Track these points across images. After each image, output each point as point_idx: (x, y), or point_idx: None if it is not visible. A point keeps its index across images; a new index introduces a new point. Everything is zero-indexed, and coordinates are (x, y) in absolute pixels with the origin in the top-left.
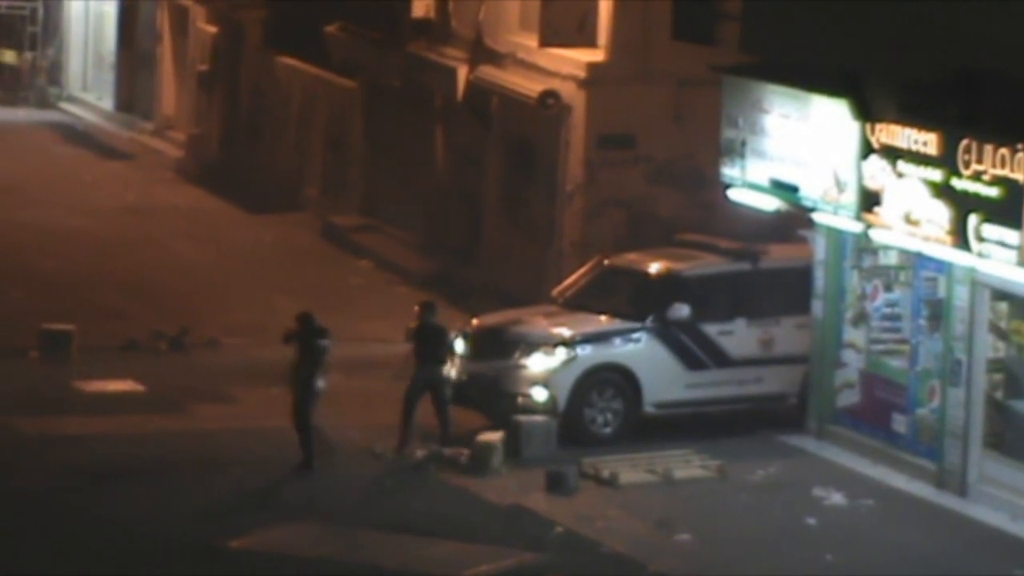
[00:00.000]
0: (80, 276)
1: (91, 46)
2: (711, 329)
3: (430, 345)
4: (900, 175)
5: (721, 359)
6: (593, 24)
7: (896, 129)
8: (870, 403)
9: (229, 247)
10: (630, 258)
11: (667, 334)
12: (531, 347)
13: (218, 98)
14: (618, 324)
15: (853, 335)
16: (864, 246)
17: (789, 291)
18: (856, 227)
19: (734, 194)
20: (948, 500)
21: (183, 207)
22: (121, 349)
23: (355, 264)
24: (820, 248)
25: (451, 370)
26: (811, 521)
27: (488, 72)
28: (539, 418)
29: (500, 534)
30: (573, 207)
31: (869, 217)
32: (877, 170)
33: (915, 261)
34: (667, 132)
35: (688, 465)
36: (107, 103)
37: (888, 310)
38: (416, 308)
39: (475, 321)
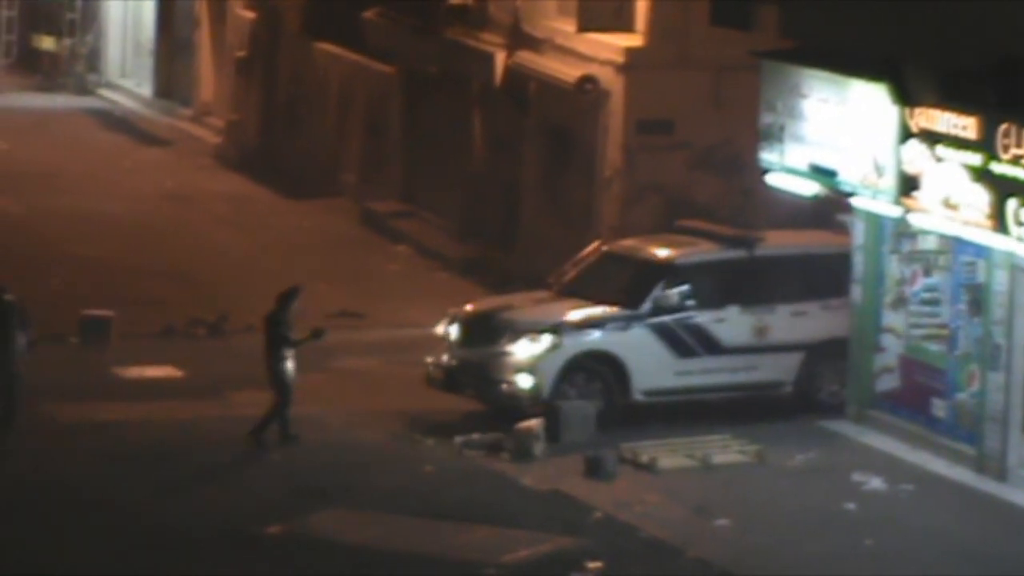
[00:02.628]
0: (118, 263)
1: (129, 32)
2: (702, 316)
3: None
4: (939, 159)
5: (712, 346)
6: (631, 9)
7: (935, 113)
8: (909, 388)
9: (267, 233)
10: (626, 244)
11: (657, 321)
12: (517, 333)
13: (256, 84)
14: (606, 311)
15: (892, 320)
16: (903, 231)
17: (786, 279)
18: (895, 212)
19: (773, 179)
20: (987, 485)
21: (221, 193)
22: (159, 335)
23: (393, 250)
24: (859, 233)
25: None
26: (850, 506)
27: (526, 57)
28: (579, 403)
29: (538, 519)
30: (611, 193)
31: (908, 202)
32: (916, 154)
33: (954, 245)
34: (705, 117)
35: (727, 450)
36: (145, 89)
37: (927, 295)
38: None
39: (467, 307)
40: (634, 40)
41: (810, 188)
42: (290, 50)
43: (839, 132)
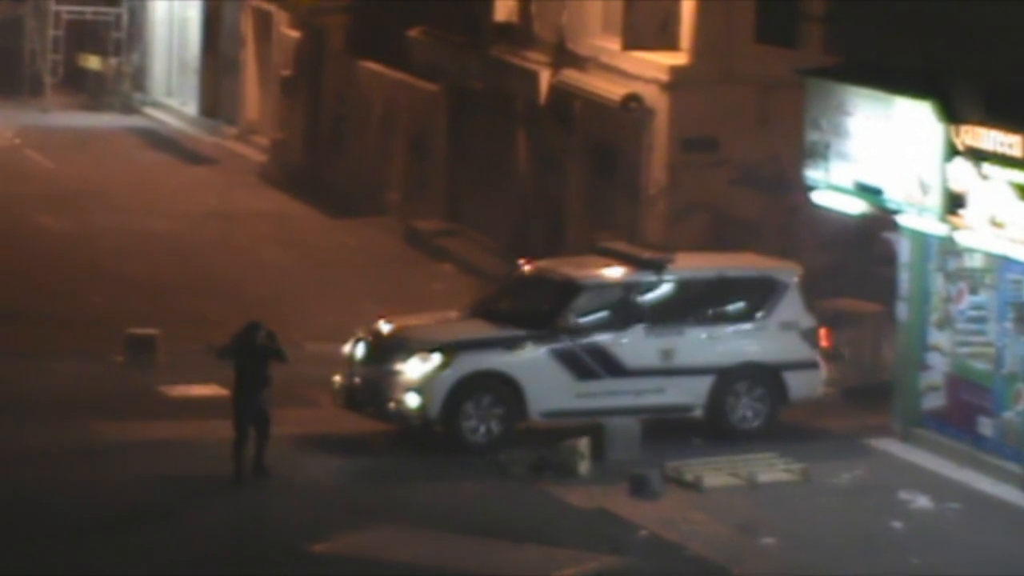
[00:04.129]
0: (164, 281)
1: (175, 51)
2: (605, 337)
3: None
4: (985, 177)
5: (615, 368)
6: (675, 27)
7: (981, 131)
8: (955, 406)
9: (312, 251)
10: (540, 265)
11: (555, 342)
12: (409, 352)
13: (301, 103)
14: (503, 331)
15: (938, 338)
16: (949, 249)
17: (697, 302)
18: (941, 230)
19: (818, 197)
20: None
21: (266, 212)
22: (205, 353)
23: (437, 268)
24: (905, 251)
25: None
26: (896, 524)
27: (570, 75)
28: (624, 421)
29: (583, 538)
30: (656, 211)
31: (954, 220)
32: (962, 172)
33: (1000, 263)
34: (750, 135)
35: (772, 468)
36: (191, 108)
37: (973, 313)
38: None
39: (375, 325)
40: (679, 58)
41: (856, 206)
42: (335, 69)
43: (884, 150)
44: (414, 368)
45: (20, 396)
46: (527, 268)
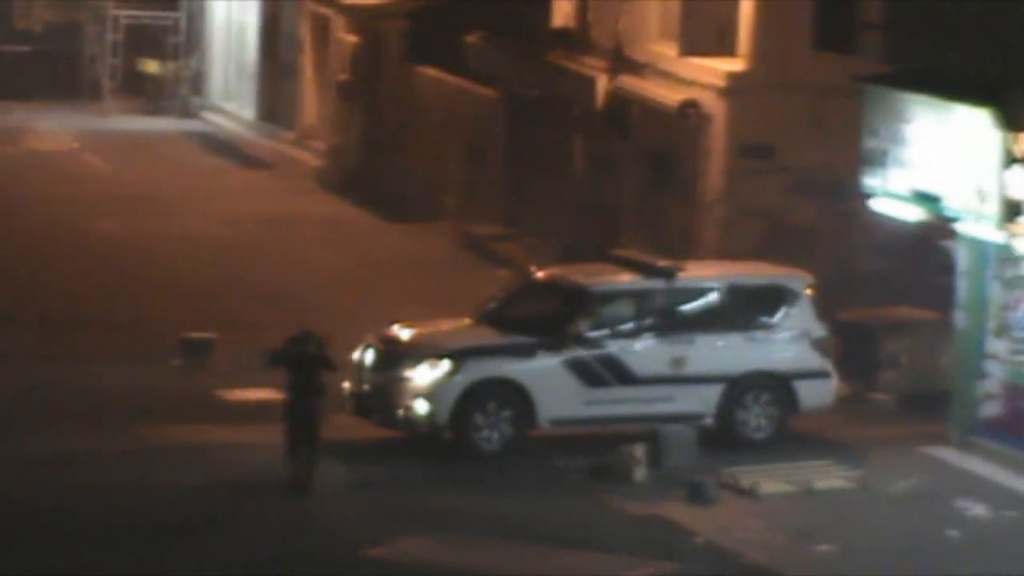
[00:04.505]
0: (220, 285)
1: (233, 56)
2: (615, 346)
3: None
4: None
5: (625, 376)
6: (733, 33)
7: None
8: (1013, 414)
9: (368, 256)
10: (549, 273)
11: (565, 349)
12: (418, 359)
13: (358, 108)
14: (513, 338)
15: (995, 346)
16: (1006, 256)
17: (707, 310)
18: (998, 237)
19: (875, 204)
20: None
21: (322, 216)
22: (261, 358)
23: (494, 274)
24: (962, 259)
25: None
26: (953, 533)
27: (627, 81)
28: (681, 428)
29: (639, 544)
30: (712, 217)
31: (1011, 227)
32: (1020, 180)
33: None
34: (807, 142)
35: (828, 476)
36: (248, 113)
37: None
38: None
39: (384, 332)
40: (736, 64)
41: (913, 214)
42: (392, 74)
43: (942, 157)
44: (423, 375)
45: (76, 399)
46: (537, 275)
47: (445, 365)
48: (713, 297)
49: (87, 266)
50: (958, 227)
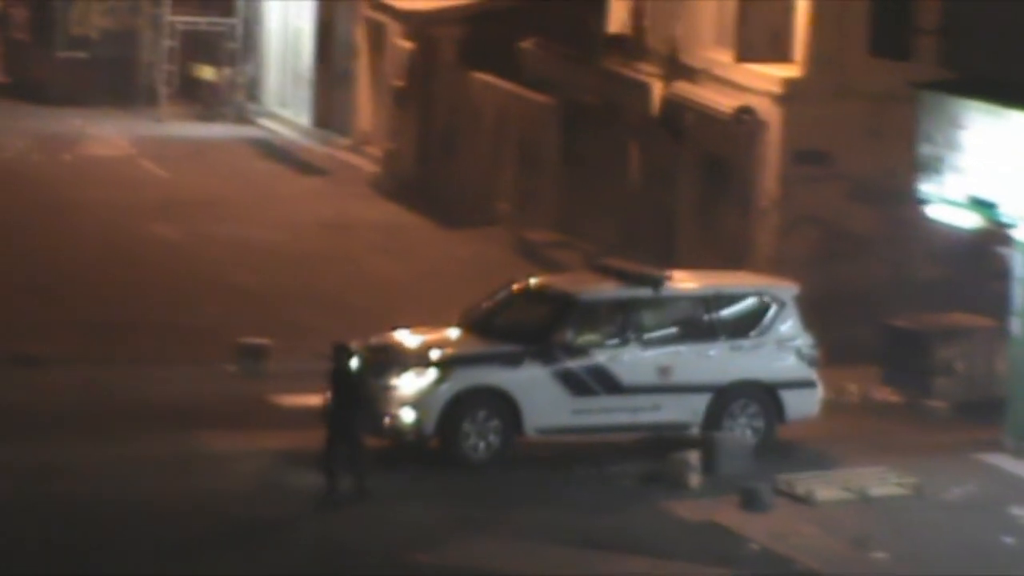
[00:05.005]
0: (275, 291)
1: (289, 62)
2: (602, 354)
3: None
4: None
5: (612, 385)
6: (788, 39)
7: None
8: None
9: (423, 262)
10: (536, 281)
11: (552, 358)
12: (404, 367)
13: (413, 114)
14: (500, 346)
15: None
16: None
17: (693, 319)
18: None
19: (931, 211)
20: None
21: (378, 222)
22: (316, 363)
23: None
24: (1018, 265)
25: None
26: (1008, 540)
27: (682, 88)
28: (736, 435)
29: (693, 551)
30: (767, 223)
31: None
32: None
33: None
34: (862, 148)
35: (884, 483)
36: (304, 119)
37: None
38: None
39: (370, 338)
40: (791, 71)
41: (969, 220)
42: (447, 80)
43: (999, 163)
44: (410, 383)
45: (133, 404)
46: (524, 283)
47: (432, 373)
48: (700, 306)
49: (144, 271)
50: (1014, 233)
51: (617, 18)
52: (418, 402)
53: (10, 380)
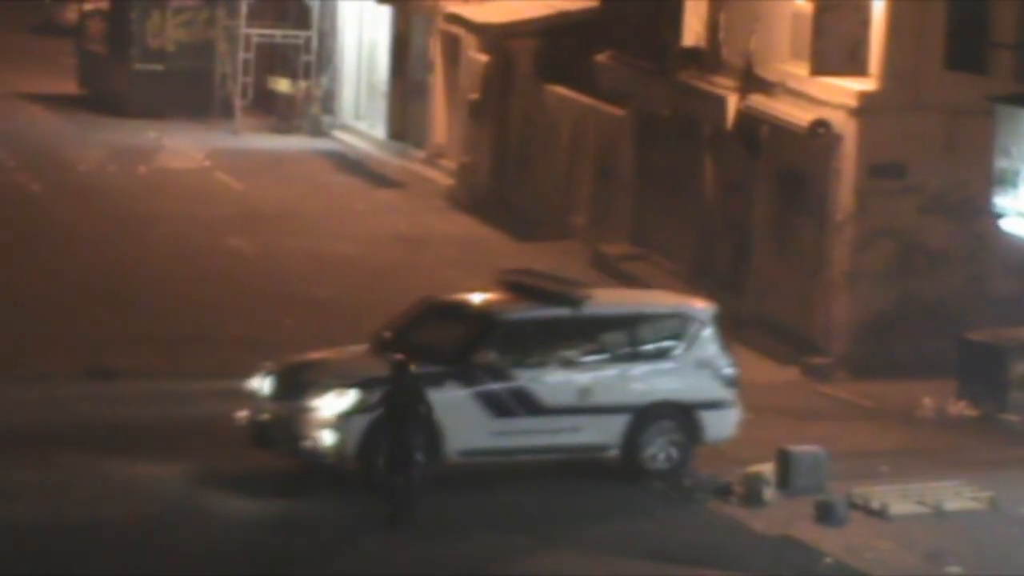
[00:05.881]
0: (350, 304)
1: (364, 75)
2: (522, 375)
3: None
4: None
5: (532, 406)
6: (864, 53)
7: None
8: None
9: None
10: (450, 299)
11: (473, 379)
12: (324, 388)
13: (488, 126)
14: (421, 367)
15: None
16: None
17: (614, 339)
18: None
19: (1007, 224)
20: None
21: (453, 235)
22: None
23: None
24: None
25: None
26: None
27: (758, 101)
28: (809, 448)
29: (768, 564)
30: (843, 237)
31: None
32: None
33: None
34: (938, 161)
35: (959, 497)
36: (379, 131)
37: None
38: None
39: (286, 359)
40: (867, 84)
41: None
42: (522, 93)
43: None
44: (330, 405)
45: (211, 418)
46: (434, 300)
47: (353, 395)
48: (620, 326)
49: (219, 284)
50: None
51: (692, 31)
52: (339, 424)
53: (85, 393)
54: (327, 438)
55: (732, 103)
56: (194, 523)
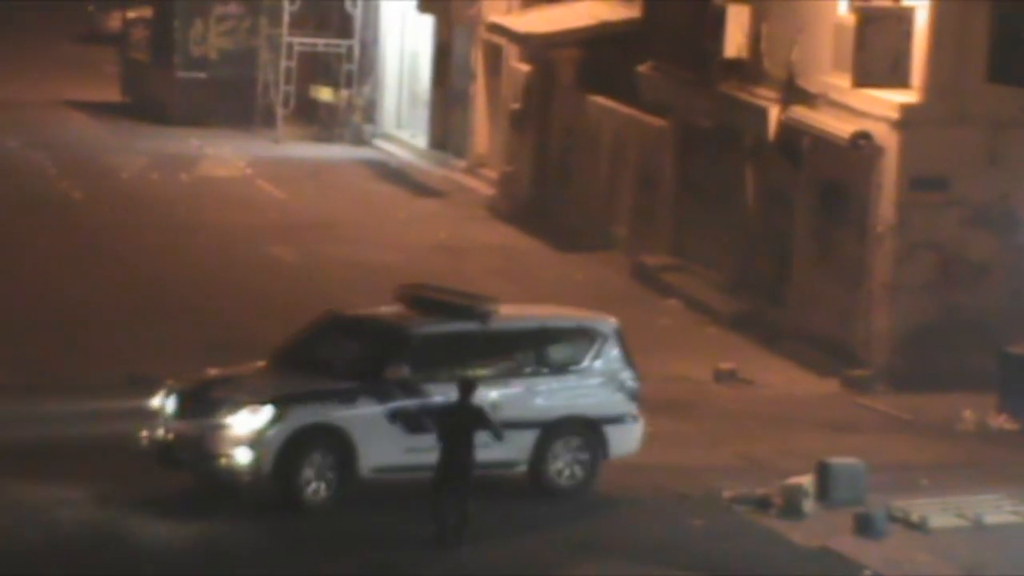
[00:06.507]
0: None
1: (406, 84)
2: (434, 391)
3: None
4: None
5: None
6: (907, 65)
7: None
8: None
9: (538, 285)
10: (358, 313)
11: (386, 395)
12: (237, 405)
13: (530, 136)
14: (334, 383)
15: None
16: None
17: (521, 353)
18: None
19: None
20: None
21: (494, 245)
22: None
23: (663, 304)
24: None
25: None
26: None
27: (799, 112)
28: (848, 460)
29: None
30: (884, 249)
31: None
32: None
33: None
34: (980, 174)
35: (999, 511)
36: (420, 141)
37: None
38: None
39: (188, 377)
40: (909, 96)
41: None
42: (564, 103)
43: None
44: (244, 422)
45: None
46: (336, 315)
47: (268, 411)
48: (526, 341)
49: (262, 292)
50: None
51: (734, 42)
52: (254, 441)
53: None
54: (242, 456)
55: (774, 114)
56: (113, 548)
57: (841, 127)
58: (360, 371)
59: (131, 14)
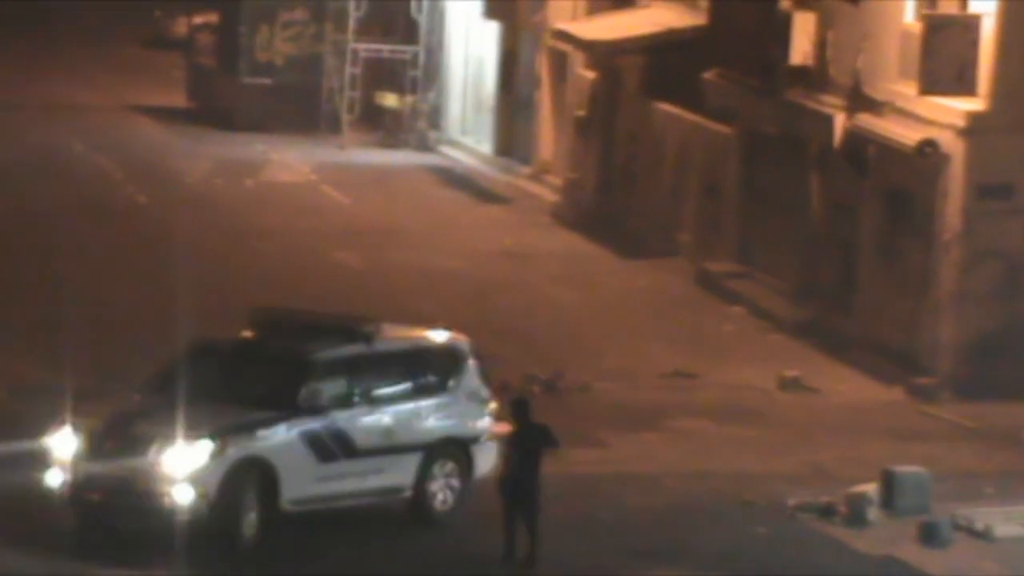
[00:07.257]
0: (456, 319)
1: (470, 90)
2: (339, 416)
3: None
4: None
5: (349, 449)
6: (973, 73)
7: None
8: None
9: (602, 292)
10: (240, 339)
11: (299, 423)
12: (166, 440)
13: (595, 143)
14: (259, 413)
15: None
16: None
17: (404, 375)
18: None
19: None
20: None
21: (558, 252)
22: (494, 391)
23: (727, 311)
24: None
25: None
26: None
27: (865, 120)
28: (913, 468)
29: None
30: (950, 257)
31: None
32: None
33: None
34: None
35: None
36: (485, 147)
37: None
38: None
39: (94, 413)
40: (976, 104)
41: None
42: (629, 110)
43: None
44: (180, 458)
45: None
46: (214, 343)
47: (207, 445)
48: (405, 361)
49: (326, 298)
50: None
51: (800, 49)
52: (195, 478)
53: None
54: (182, 494)
55: (839, 122)
56: None
57: (907, 135)
58: (273, 400)
59: (197, 19)
